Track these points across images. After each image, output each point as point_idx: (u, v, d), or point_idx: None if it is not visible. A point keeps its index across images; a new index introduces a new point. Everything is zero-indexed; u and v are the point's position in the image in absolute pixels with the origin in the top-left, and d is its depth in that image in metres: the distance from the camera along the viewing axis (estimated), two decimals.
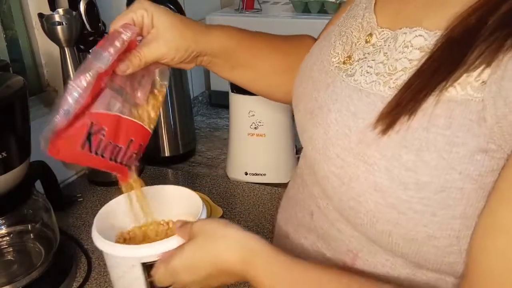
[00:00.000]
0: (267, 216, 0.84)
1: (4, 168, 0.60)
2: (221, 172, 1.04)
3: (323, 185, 0.44)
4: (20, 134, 0.62)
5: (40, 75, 0.97)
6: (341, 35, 0.48)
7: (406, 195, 0.36)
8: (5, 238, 0.69)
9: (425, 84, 0.36)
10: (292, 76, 0.59)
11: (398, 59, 0.39)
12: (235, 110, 0.95)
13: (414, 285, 0.41)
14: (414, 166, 0.35)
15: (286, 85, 0.62)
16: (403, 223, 0.37)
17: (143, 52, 0.52)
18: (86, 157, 0.52)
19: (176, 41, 0.53)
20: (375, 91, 0.40)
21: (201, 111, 1.43)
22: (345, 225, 0.44)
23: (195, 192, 0.68)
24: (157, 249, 0.57)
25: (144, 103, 0.57)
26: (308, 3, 1.27)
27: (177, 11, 1.00)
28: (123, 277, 0.60)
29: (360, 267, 0.44)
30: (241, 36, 0.60)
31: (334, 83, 0.45)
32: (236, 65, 0.60)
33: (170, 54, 0.53)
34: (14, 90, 0.60)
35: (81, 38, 0.86)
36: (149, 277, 0.58)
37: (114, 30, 0.52)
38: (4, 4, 0.88)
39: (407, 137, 0.36)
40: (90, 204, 0.90)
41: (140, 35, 0.54)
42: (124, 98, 0.55)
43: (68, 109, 0.48)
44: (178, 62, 0.55)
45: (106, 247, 0.59)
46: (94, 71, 0.48)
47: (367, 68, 0.42)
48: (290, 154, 0.99)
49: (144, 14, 0.52)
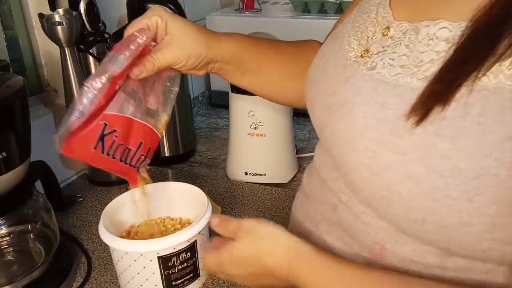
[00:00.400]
0: (267, 216, 0.84)
1: (4, 168, 0.60)
2: (221, 172, 1.04)
3: (351, 177, 0.44)
4: (20, 134, 0.62)
5: (40, 75, 0.97)
6: (355, 31, 0.49)
7: (442, 182, 0.36)
8: (5, 238, 0.69)
9: (457, 75, 0.36)
10: (301, 80, 0.61)
11: (423, 51, 0.40)
12: (235, 110, 0.95)
13: (446, 274, 0.42)
14: (450, 153, 0.36)
15: (295, 89, 0.64)
16: (437, 210, 0.37)
17: (156, 57, 0.53)
18: (98, 158, 0.54)
19: (189, 47, 0.55)
20: (403, 82, 0.40)
21: (201, 111, 1.43)
22: (371, 217, 0.44)
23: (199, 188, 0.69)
24: (172, 242, 0.60)
25: (155, 108, 0.58)
26: (308, 3, 1.27)
27: (177, 11, 1.00)
28: (138, 272, 0.61)
29: (388, 259, 0.44)
30: (249, 43, 0.62)
31: (354, 76, 0.45)
32: (245, 71, 0.62)
33: (183, 59, 0.55)
34: (14, 90, 0.60)
35: (81, 38, 0.86)
36: (164, 270, 0.60)
37: (130, 34, 0.53)
38: (4, 4, 0.88)
39: (442, 126, 0.36)
40: (90, 204, 0.90)
41: (154, 41, 0.55)
42: (136, 102, 0.56)
43: (83, 110, 0.50)
44: (189, 68, 0.57)
45: (120, 244, 0.61)
46: (109, 74, 0.50)
47: (389, 60, 0.42)
48: (290, 154, 0.99)
49: (159, 20, 0.54)
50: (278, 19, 1.26)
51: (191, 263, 0.64)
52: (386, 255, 0.44)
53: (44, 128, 0.91)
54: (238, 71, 0.62)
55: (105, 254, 0.75)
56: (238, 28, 1.23)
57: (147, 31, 0.54)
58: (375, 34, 0.46)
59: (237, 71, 0.61)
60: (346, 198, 0.47)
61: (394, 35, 0.44)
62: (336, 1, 1.24)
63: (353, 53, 0.47)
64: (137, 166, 0.60)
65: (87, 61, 0.90)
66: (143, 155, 0.59)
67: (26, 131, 0.64)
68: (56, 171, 0.78)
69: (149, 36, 0.53)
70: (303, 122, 1.30)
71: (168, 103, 0.59)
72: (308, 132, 1.24)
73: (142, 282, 0.62)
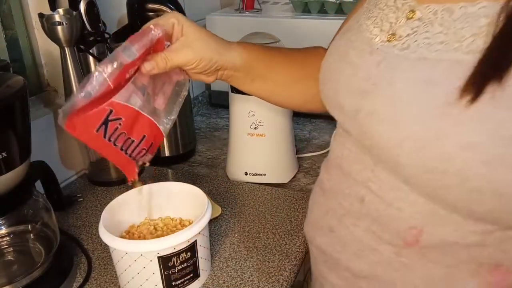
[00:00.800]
0: (267, 216, 0.85)
1: (4, 168, 0.60)
2: (221, 172, 1.04)
3: (393, 155, 0.44)
4: (20, 134, 0.62)
5: (40, 75, 0.97)
6: (372, 21, 0.50)
7: (502, 149, 0.37)
8: (5, 238, 0.69)
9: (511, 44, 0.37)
10: (308, 84, 0.65)
11: (462, 28, 0.41)
12: (235, 110, 0.95)
13: (484, 252, 0.43)
14: (509, 120, 0.36)
15: (304, 93, 0.67)
16: (495, 178, 0.38)
17: (170, 55, 0.56)
18: (99, 141, 0.55)
19: (202, 51, 0.57)
20: (446, 57, 0.41)
21: (201, 111, 1.43)
22: (405, 203, 0.45)
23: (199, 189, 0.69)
24: (173, 242, 0.60)
25: (162, 108, 0.60)
26: (308, 3, 1.27)
27: (177, 11, 1.00)
28: (138, 273, 0.62)
29: (425, 242, 0.45)
30: (259, 50, 0.65)
31: (386, 58, 0.46)
32: (255, 77, 0.64)
33: (195, 62, 0.57)
34: (14, 90, 0.60)
35: (81, 38, 0.86)
36: (164, 270, 0.61)
37: (145, 27, 0.55)
38: (4, 4, 0.88)
39: (501, 96, 0.37)
40: (90, 204, 0.90)
41: (169, 41, 0.58)
42: (145, 97, 0.58)
43: (91, 91, 0.51)
44: (200, 72, 0.59)
45: (120, 244, 0.61)
46: (120, 61, 0.52)
47: (424, 40, 0.43)
48: (290, 154, 0.99)
49: (175, 22, 0.57)
50: (278, 19, 1.26)
51: (191, 263, 0.64)
52: (422, 239, 0.45)
53: (44, 128, 0.91)
54: (248, 77, 0.64)
55: (105, 254, 0.75)
56: (238, 28, 1.23)
57: (161, 26, 0.55)
58: (399, 19, 0.47)
59: (247, 77, 0.64)
60: (376, 187, 0.48)
61: (422, 17, 0.44)
62: (336, 1, 1.24)
63: (377, 39, 0.48)
64: (137, 158, 0.60)
65: (87, 61, 0.90)
66: (145, 149, 0.60)
67: (26, 131, 0.64)
68: (56, 171, 0.78)
69: (163, 32, 0.55)
70: (303, 122, 1.30)
71: (175, 106, 0.61)
72: (308, 132, 1.24)
73: (142, 282, 0.62)
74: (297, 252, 0.75)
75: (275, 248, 0.76)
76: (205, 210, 0.65)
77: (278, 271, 0.70)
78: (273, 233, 0.80)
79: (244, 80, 0.64)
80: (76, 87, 0.85)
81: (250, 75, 0.64)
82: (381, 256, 0.49)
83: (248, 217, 0.84)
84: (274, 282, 0.68)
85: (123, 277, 0.64)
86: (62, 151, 0.96)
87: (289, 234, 0.79)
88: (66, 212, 0.87)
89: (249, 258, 0.73)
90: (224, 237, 0.79)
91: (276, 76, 0.66)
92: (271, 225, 0.82)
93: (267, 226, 0.82)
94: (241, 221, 0.83)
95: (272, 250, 0.75)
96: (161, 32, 0.54)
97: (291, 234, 0.79)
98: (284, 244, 0.77)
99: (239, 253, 0.75)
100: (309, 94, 0.67)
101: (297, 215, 0.84)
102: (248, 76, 0.64)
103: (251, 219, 0.84)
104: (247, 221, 0.83)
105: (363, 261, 0.51)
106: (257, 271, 0.71)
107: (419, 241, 0.45)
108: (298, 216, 0.84)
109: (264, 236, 0.79)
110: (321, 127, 1.27)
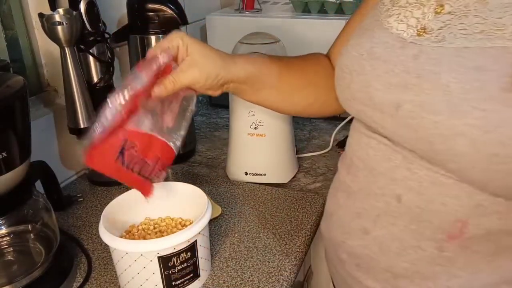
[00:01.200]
0: (267, 216, 0.85)
1: (4, 168, 0.60)
2: (221, 172, 1.04)
3: (448, 147, 0.44)
4: (20, 134, 0.62)
5: (40, 75, 0.97)
6: (396, 18, 0.51)
7: None
8: (5, 238, 0.69)
9: None
10: (310, 90, 0.69)
11: (501, 17, 0.42)
12: (235, 110, 0.95)
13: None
14: None
15: (306, 99, 0.70)
16: None
17: (178, 77, 0.58)
18: (118, 170, 0.59)
19: (208, 68, 0.59)
20: (491, 45, 0.42)
21: (201, 111, 1.43)
22: (450, 197, 0.46)
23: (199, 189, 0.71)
24: (173, 242, 0.61)
25: (171, 125, 0.62)
26: (308, 3, 1.27)
27: (177, 11, 1.00)
28: (138, 273, 0.62)
29: (469, 233, 0.46)
30: (262, 61, 0.66)
31: (423, 51, 0.46)
32: (260, 87, 0.66)
33: (202, 80, 0.59)
34: (14, 90, 0.60)
35: (81, 38, 0.86)
36: (164, 270, 0.61)
37: (151, 53, 0.58)
38: (4, 4, 0.88)
39: None
40: (90, 204, 0.90)
41: (175, 62, 0.60)
42: (154, 118, 0.60)
43: (105, 124, 0.54)
44: (207, 89, 0.61)
45: (120, 244, 0.61)
46: (131, 90, 0.55)
47: (460, 31, 0.44)
48: (290, 154, 0.99)
49: (180, 43, 0.58)
50: (278, 19, 1.26)
51: (191, 263, 0.65)
52: (467, 231, 0.46)
53: (44, 128, 0.91)
54: (253, 88, 0.65)
55: (105, 254, 0.75)
56: (238, 28, 1.23)
57: (168, 52, 0.57)
58: (425, 14, 0.48)
59: (252, 88, 0.65)
60: (415, 184, 0.48)
61: (453, 11, 0.46)
62: (336, 1, 1.24)
63: (406, 34, 0.49)
64: (152, 177, 0.62)
65: (87, 61, 0.90)
66: (159, 168, 0.62)
67: (26, 131, 0.64)
68: (56, 171, 0.78)
69: (170, 57, 0.57)
70: (303, 122, 1.30)
71: (183, 121, 0.62)
72: (308, 132, 1.24)
73: (142, 282, 0.62)
74: (297, 252, 0.75)
75: (275, 248, 0.76)
76: (205, 210, 0.65)
77: (278, 271, 0.70)
78: (273, 233, 0.80)
79: (249, 92, 0.66)
80: (76, 87, 0.85)
81: (255, 87, 0.65)
82: (424, 252, 0.49)
83: (248, 217, 0.84)
84: (274, 282, 0.68)
85: (123, 277, 0.64)
86: (62, 151, 0.96)
87: (289, 234, 0.79)
88: (66, 212, 0.87)
89: (249, 258, 0.73)
90: (224, 237, 0.79)
91: (279, 85, 0.67)
92: (271, 225, 0.82)
93: (267, 226, 0.82)
94: (241, 221, 0.83)
95: (272, 250, 0.75)
96: (167, 58, 0.57)
97: (291, 234, 0.79)
98: (284, 244, 0.77)
99: (239, 253, 0.75)
100: (311, 100, 0.70)
101: (297, 215, 0.84)
102: (253, 87, 0.65)
103: (251, 219, 0.84)
104: (247, 221, 0.83)
105: (404, 260, 0.51)
106: (257, 271, 0.71)
107: (464, 233, 0.46)
108: (298, 216, 0.84)
109: (264, 236, 0.79)
110: (321, 127, 1.27)
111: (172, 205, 0.73)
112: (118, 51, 1.07)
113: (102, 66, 0.91)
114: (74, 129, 0.89)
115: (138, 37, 1.02)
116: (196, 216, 0.64)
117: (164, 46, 0.58)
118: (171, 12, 1.00)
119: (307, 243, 0.78)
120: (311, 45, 1.24)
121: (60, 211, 0.86)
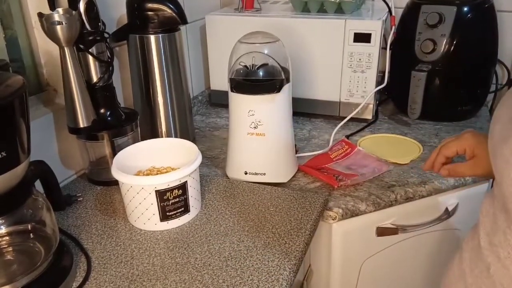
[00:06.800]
0: (267, 215, 0.85)
1: (4, 168, 0.60)
2: (221, 171, 1.04)
3: None
4: (20, 134, 0.62)
5: (39, 75, 0.97)
6: None
7: None
8: (5, 238, 0.69)
9: None
10: None
11: None
12: (235, 109, 0.95)
13: None
14: None
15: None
16: None
17: (459, 169, 0.69)
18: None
19: (488, 169, 0.61)
20: None
21: (200, 110, 1.43)
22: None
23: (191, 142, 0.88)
24: (167, 179, 0.77)
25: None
26: (308, 2, 1.27)
27: (177, 10, 1.00)
28: (140, 203, 0.78)
29: None
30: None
31: None
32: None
33: (477, 176, 0.72)
34: (14, 89, 0.60)
35: (80, 38, 0.85)
36: (160, 202, 0.78)
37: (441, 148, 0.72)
38: (4, 3, 0.88)
39: None
40: (90, 204, 0.90)
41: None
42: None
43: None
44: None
45: (126, 178, 0.79)
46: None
47: None
48: (290, 154, 0.99)
49: (468, 149, 0.68)
50: (278, 19, 1.26)
51: (182, 199, 0.80)
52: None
53: (44, 128, 0.91)
54: None
55: (104, 253, 0.75)
56: (237, 27, 1.23)
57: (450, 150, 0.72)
58: None
59: None
60: (504, 253, 0.45)
61: None
62: (335, 1, 1.24)
63: None
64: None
65: (86, 60, 0.90)
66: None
67: (26, 131, 0.64)
68: (56, 171, 0.78)
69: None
70: (302, 122, 1.30)
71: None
72: (307, 132, 1.24)
73: (143, 211, 0.78)
74: (296, 252, 0.75)
75: (275, 248, 0.76)
76: (195, 158, 0.80)
77: (278, 271, 0.70)
78: (273, 233, 0.80)
79: None
80: (75, 87, 0.85)
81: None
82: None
83: (248, 217, 0.84)
84: (274, 281, 0.68)
85: (130, 206, 0.80)
86: (62, 151, 0.96)
87: (289, 233, 0.79)
88: (65, 212, 0.87)
89: (249, 257, 0.73)
90: (224, 237, 0.79)
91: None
92: (271, 225, 0.82)
93: (267, 225, 0.82)
94: (241, 220, 0.83)
95: (271, 249, 0.75)
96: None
97: (291, 233, 0.79)
98: (284, 243, 0.77)
99: (239, 252, 0.75)
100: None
101: (297, 214, 0.84)
102: None
103: (251, 219, 0.84)
104: (247, 220, 0.83)
105: None
106: (256, 270, 0.71)
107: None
108: (298, 215, 0.84)
109: (264, 236, 0.79)
110: (321, 126, 1.27)
111: (172, 156, 0.88)
112: (118, 51, 1.07)
113: (102, 65, 0.91)
114: (74, 129, 0.89)
115: (137, 36, 1.02)
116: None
117: (452, 150, 0.68)
118: (170, 11, 1.00)
119: (307, 242, 0.78)
120: (311, 45, 1.25)
121: (60, 211, 0.86)
